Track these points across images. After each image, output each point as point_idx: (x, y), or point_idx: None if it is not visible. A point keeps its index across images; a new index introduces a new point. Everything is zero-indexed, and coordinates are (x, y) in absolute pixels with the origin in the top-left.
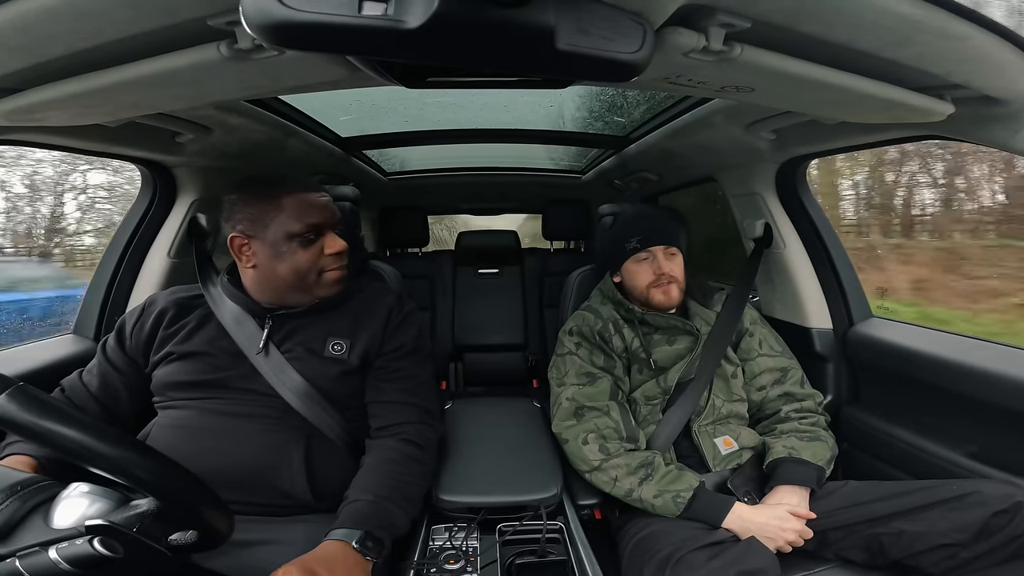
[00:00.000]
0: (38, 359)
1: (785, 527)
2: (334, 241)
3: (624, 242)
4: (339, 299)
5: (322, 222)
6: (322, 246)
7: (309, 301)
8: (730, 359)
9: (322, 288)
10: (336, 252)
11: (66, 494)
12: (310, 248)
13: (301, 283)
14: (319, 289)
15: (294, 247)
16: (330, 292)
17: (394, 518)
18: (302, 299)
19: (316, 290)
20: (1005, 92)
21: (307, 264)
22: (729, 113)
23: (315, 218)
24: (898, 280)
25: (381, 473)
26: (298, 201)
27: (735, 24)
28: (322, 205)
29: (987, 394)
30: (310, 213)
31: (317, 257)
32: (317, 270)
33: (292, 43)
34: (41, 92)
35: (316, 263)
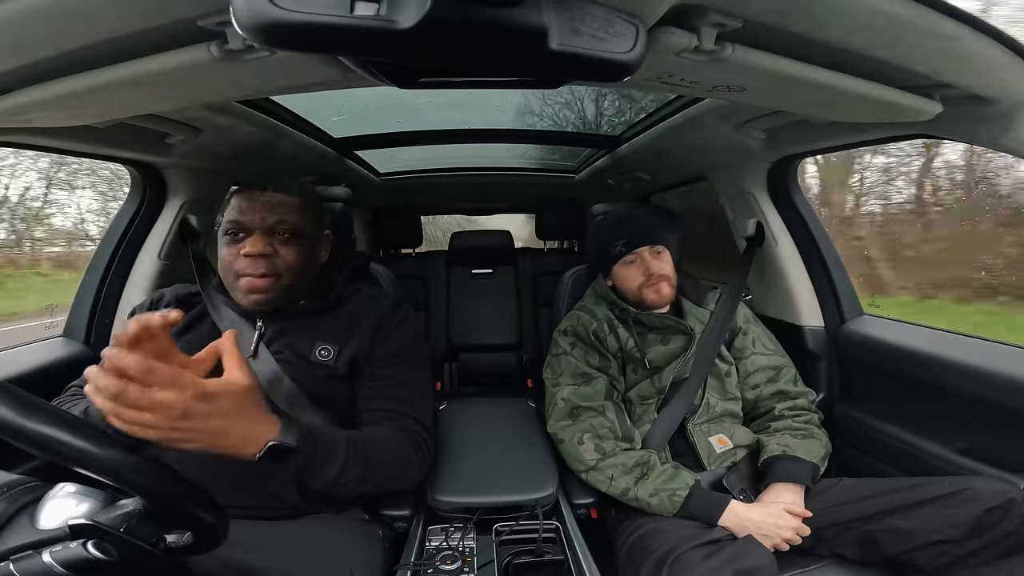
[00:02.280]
0: (27, 362)
1: (781, 524)
2: (252, 242)
3: (609, 247)
4: (331, 304)
5: (244, 221)
6: (241, 247)
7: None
8: (724, 358)
9: (239, 294)
10: (247, 253)
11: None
12: (232, 246)
13: (225, 281)
14: (238, 295)
15: (223, 242)
16: (247, 302)
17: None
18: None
19: (236, 294)
20: (993, 91)
21: (226, 260)
22: (721, 113)
23: (240, 216)
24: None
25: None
26: (238, 198)
27: (727, 24)
28: (256, 206)
29: (979, 391)
30: (239, 211)
31: (234, 257)
32: (234, 272)
33: (283, 43)
34: (29, 93)
35: (232, 263)
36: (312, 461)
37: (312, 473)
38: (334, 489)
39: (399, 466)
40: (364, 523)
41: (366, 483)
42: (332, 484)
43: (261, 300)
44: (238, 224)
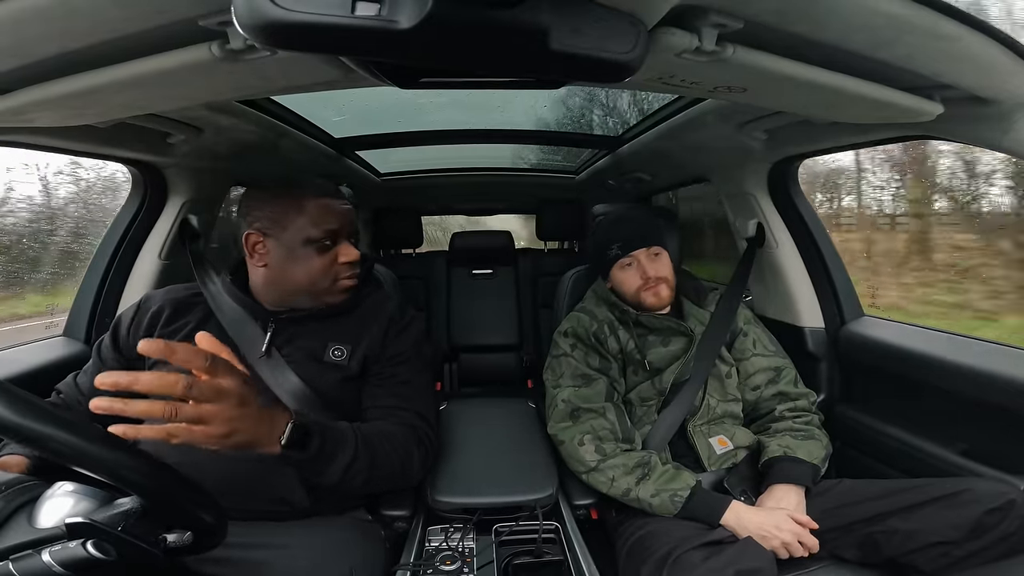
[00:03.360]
0: (28, 362)
1: (782, 528)
2: (349, 250)
3: (606, 249)
4: (343, 305)
5: (339, 229)
6: (336, 254)
7: (314, 306)
8: (724, 359)
9: (332, 295)
10: (350, 261)
11: (50, 493)
12: (325, 255)
13: (312, 288)
14: (329, 296)
15: (310, 252)
16: (339, 300)
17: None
18: (309, 303)
19: (326, 296)
20: (994, 92)
21: (320, 271)
22: (721, 113)
23: (334, 224)
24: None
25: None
26: (320, 206)
27: (728, 24)
28: (342, 213)
29: (979, 392)
30: (330, 219)
31: (331, 264)
32: (330, 277)
33: (284, 43)
34: (30, 93)
35: (329, 270)
36: (326, 448)
37: (325, 462)
38: (344, 481)
39: (402, 459)
40: (365, 523)
41: (372, 475)
42: (343, 475)
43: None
44: (334, 233)
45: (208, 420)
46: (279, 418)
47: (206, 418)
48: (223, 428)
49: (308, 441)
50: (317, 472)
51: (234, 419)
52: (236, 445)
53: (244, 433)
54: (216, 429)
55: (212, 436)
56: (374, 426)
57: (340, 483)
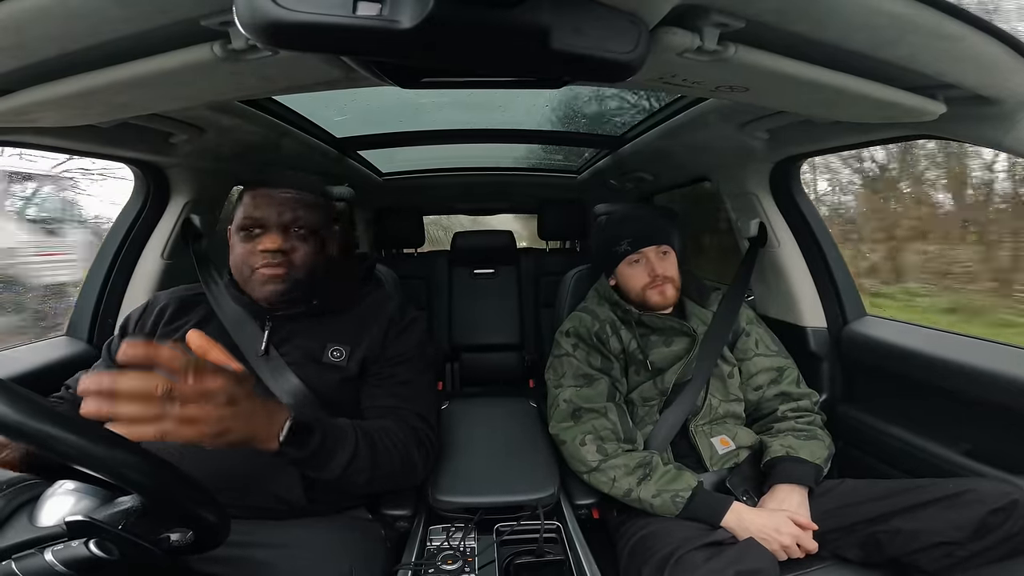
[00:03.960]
0: (31, 361)
1: (782, 531)
2: (270, 238)
3: (615, 245)
4: (342, 304)
5: (261, 217)
6: (257, 243)
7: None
8: (727, 359)
9: (255, 286)
10: (264, 248)
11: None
12: (248, 242)
13: (240, 276)
14: (254, 287)
15: (237, 239)
16: (264, 293)
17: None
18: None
19: (251, 286)
20: (997, 91)
21: (240, 257)
22: (723, 113)
23: (256, 212)
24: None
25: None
26: (252, 195)
27: (729, 24)
28: (272, 202)
29: (982, 392)
30: (258, 207)
31: (249, 253)
32: (249, 266)
33: (286, 43)
34: (33, 93)
35: (247, 258)
36: (325, 444)
37: (326, 458)
38: (344, 478)
39: (403, 458)
40: (366, 522)
41: (374, 473)
42: (344, 471)
43: (277, 290)
44: (254, 220)
45: (197, 421)
46: (277, 414)
47: (194, 419)
48: (214, 428)
49: (307, 438)
50: (317, 468)
51: (224, 418)
52: (231, 443)
53: (237, 431)
54: (206, 429)
55: (204, 435)
56: (375, 423)
57: (341, 479)
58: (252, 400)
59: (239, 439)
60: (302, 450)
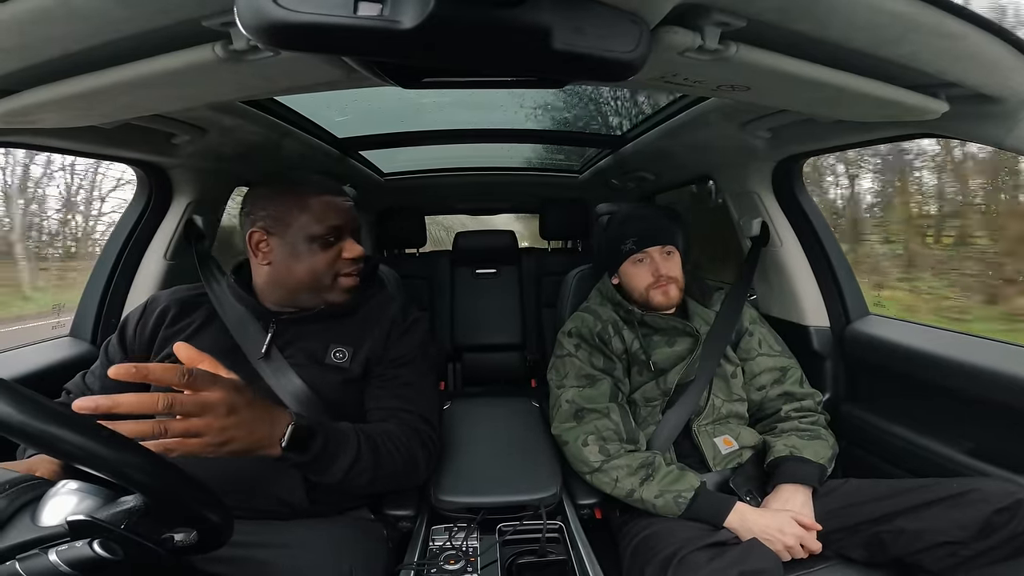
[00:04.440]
0: (35, 362)
1: (786, 531)
2: (352, 246)
3: (620, 244)
4: (345, 306)
5: (343, 225)
6: (340, 250)
7: (318, 304)
8: (730, 359)
9: (335, 293)
10: (353, 257)
11: (54, 491)
12: (328, 251)
13: (315, 285)
14: (331, 294)
15: (314, 248)
16: (341, 298)
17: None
18: (312, 302)
19: (328, 294)
20: (999, 90)
21: (324, 267)
22: (725, 112)
23: (337, 221)
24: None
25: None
26: (323, 203)
27: (730, 23)
28: (345, 209)
29: (985, 391)
30: (333, 216)
31: (334, 260)
32: (332, 274)
33: (287, 44)
34: (35, 94)
35: (333, 266)
36: (328, 448)
37: (328, 462)
38: (347, 481)
39: (405, 460)
40: (368, 522)
41: (376, 475)
42: (346, 475)
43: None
44: (333, 229)
45: (199, 433)
46: (279, 419)
47: (196, 431)
48: (216, 438)
49: (310, 442)
50: (319, 472)
51: (227, 428)
52: (234, 452)
53: (240, 441)
54: (209, 440)
55: (208, 446)
56: (377, 426)
57: (343, 483)
58: (252, 408)
59: (242, 448)
60: (304, 455)
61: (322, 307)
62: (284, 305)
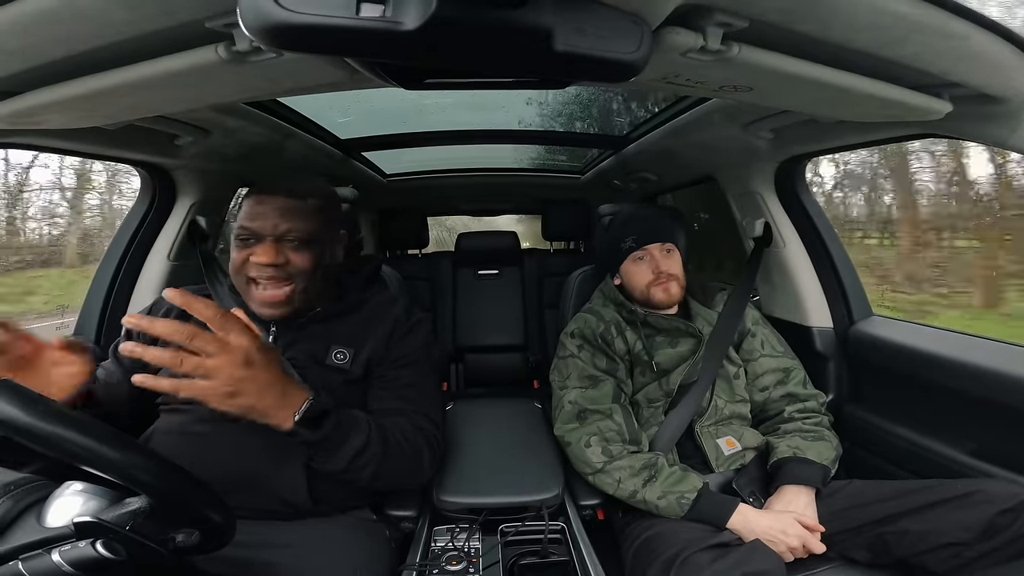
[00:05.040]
0: None
1: (789, 533)
2: (264, 250)
3: (620, 242)
4: (346, 307)
5: (255, 228)
6: (251, 253)
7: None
8: (732, 360)
9: (254, 303)
10: (258, 261)
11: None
12: (242, 251)
13: (237, 284)
14: (251, 302)
15: (236, 246)
16: (263, 312)
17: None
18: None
19: (249, 301)
20: (1002, 90)
21: (236, 264)
22: (727, 112)
23: (249, 223)
24: None
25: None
26: (249, 202)
27: (733, 24)
28: (268, 212)
29: (989, 392)
30: (250, 216)
31: (243, 262)
32: (244, 276)
33: (290, 45)
34: (39, 95)
35: (242, 268)
36: (340, 429)
37: (338, 443)
38: (351, 470)
39: (411, 456)
40: (370, 523)
41: (381, 467)
42: (351, 462)
43: (277, 313)
44: (248, 231)
45: (211, 374)
46: (295, 393)
47: (209, 371)
48: (226, 386)
49: (323, 420)
50: (327, 454)
51: (239, 379)
52: (242, 408)
53: (249, 397)
54: (219, 385)
55: (216, 391)
56: (388, 419)
57: (347, 471)
58: (269, 370)
59: (249, 406)
60: (315, 433)
61: (318, 308)
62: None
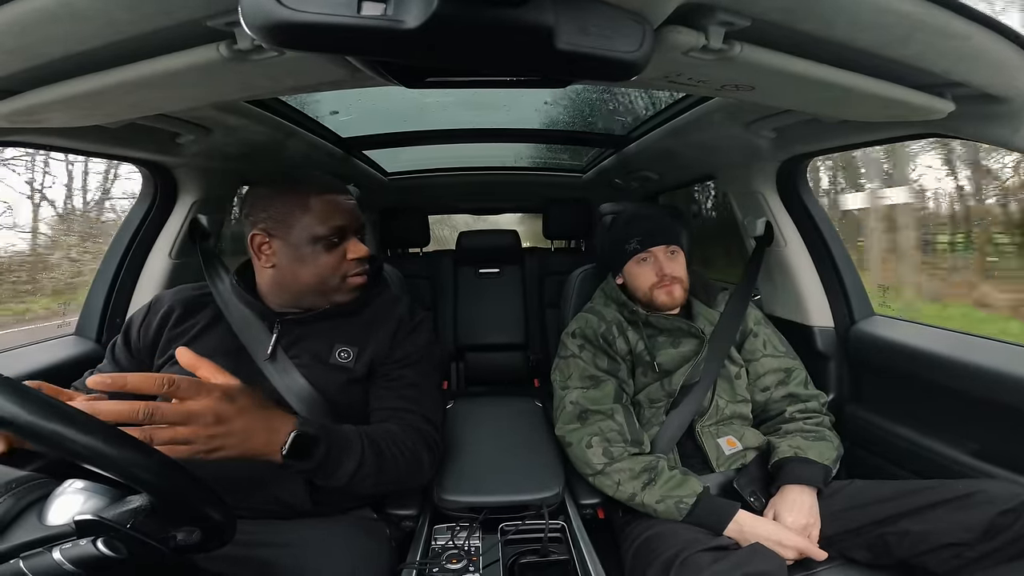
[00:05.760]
0: (40, 360)
1: (786, 544)
2: (357, 246)
3: (624, 243)
4: (350, 306)
5: (346, 225)
6: (345, 250)
7: (323, 305)
8: (734, 360)
9: (342, 294)
10: (359, 257)
11: (60, 491)
12: (333, 252)
13: (321, 288)
14: (338, 295)
15: (318, 250)
16: (348, 298)
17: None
18: (318, 303)
19: (335, 295)
20: (1005, 90)
21: (329, 268)
22: (729, 111)
23: (341, 221)
24: None
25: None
26: (325, 202)
27: (734, 23)
28: (348, 208)
29: (991, 392)
30: (336, 216)
31: (340, 261)
32: (340, 275)
33: (291, 43)
34: (41, 93)
35: (339, 268)
36: (331, 455)
37: (332, 468)
38: (352, 485)
39: (409, 462)
40: (371, 522)
41: (381, 478)
42: (351, 479)
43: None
44: (337, 229)
45: (187, 440)
46: (280, 426)
47: (183, 439)
48: (205, 446)
49: (313, 449)
50: (324, 478)
51: (215, 436)
52: (228, 458)
53: (233, 448)
54: (198, 447)
55: (197, 453)
56: (380, 428)
57: (348, 487)
58: (247, 415)
59: (236, 455)
60: (307, 462)
61: (327, 307)
62: (288, 306)
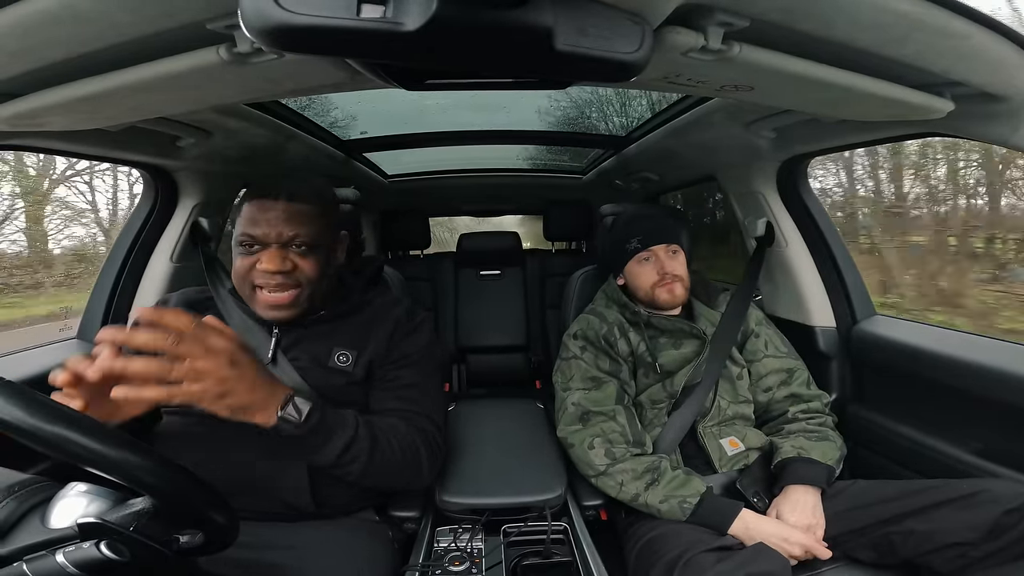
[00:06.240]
0: (41, 364)
1: (791, 541)
2: (269, 257)
3: (625, 243)
4: (349, 309)
5: (259, 235)
6: (257, 259)
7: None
8: (736, 360)
9: (258, 307)
10: (264, 269)
11: (63, 494)
12: (247, 258)
13: (241, 292)
14: (257, 307)
15: (237, 253)
16: (268, 315)
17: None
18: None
19: (254, 305)
20: (1004, 89)
21: (240, 272)
22: (729, 112)
23: (253, 230)
24: None
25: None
26: (250, 208)
27: (733, 23)
28: (269, 219)
29: (993, 391)
30: (252, 223)
31: (248, 269)
32: (250, 283)
33: (291, 46)
34: (42, 97)
35: (247, 275)
36: (324, 423)
37: (323, 438)
38: (340, 465)
39: (405, 453)
40: (373, 524)
41: (373, 466)
42: (339, 457)
43: (283, 316)
44: (252, 237)
45: (201, 377)
46: (278, 389)
47: (199, 374)
48: (217, 387)
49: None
50: (313, 449)
51: (227, 379)
52: (232, 407)
53: (238, 395)
54: (210, 387)
55: (207, 394)
56: (382, 419)
57: (336, 466)
58: (254, 369)
59: (239, 404)
60: (299, 427)
61: (322, 313)
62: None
